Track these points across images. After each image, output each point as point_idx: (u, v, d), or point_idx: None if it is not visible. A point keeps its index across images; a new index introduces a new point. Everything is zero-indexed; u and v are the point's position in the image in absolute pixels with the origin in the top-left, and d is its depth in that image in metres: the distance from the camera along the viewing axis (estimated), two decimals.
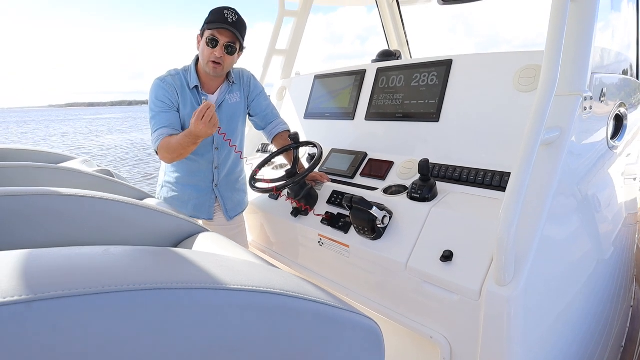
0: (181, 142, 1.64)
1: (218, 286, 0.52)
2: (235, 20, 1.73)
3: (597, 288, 1.56)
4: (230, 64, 1.82)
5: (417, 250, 1.34)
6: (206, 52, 1.75)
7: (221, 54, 1.75)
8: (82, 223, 0.93)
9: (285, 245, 1.99)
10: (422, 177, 1.47)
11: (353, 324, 0.69)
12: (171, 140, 1.68)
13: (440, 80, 1.71)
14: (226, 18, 1.71)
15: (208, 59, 1.76)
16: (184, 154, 1.72)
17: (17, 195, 0.87)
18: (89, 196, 0.96)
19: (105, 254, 0.55)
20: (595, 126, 1.39)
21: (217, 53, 1.74)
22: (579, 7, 1.15)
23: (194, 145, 1.66)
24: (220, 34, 1.73)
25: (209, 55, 1.75)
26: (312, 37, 40.81)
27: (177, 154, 1.71)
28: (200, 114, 1.53)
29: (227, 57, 1.77)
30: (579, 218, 1.36)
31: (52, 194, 0.91)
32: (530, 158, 1.00)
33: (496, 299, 1.07)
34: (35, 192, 0.89)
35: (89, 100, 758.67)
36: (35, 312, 0.38)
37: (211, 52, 1.74)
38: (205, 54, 1.76)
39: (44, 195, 0.89)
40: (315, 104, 2.39)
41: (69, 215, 0.92)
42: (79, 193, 0.95)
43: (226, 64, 1.79)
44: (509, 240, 0.99)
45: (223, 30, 1.72)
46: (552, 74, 1.03)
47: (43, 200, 0.89)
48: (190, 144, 1.64)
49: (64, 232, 0.91)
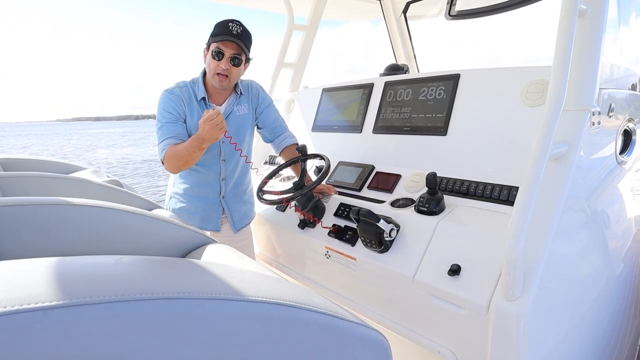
0: (187, 147, 1.65)
1: (228, 296, 0.52)
2: (240, 32, 1.75)
3: (607, 305, 1.54)
4: (236, 76, 1.84)
5: (424, 263, 1.33)
6: (212, 64, 1.77)
7: (227, 65, 1.76)
8: (92, 232, 0.94)
9: (292, 257, 1.99)
10: (429, 191, 1.47)
11: (361, 336, 0.69)
12: (178, 147, 1.69)
13: (448, 94, 1.72)
14: (231, 30, 1.73)
15: (214, 71, 1.77)
16: (189, 161, 1.72)
17: (30, 204, 0.88)
18: (100, 206, 0.97)
19: (118, 263, 0.56)
20: (604, 141, 1.38)
21: (223, 65, 1.76)
22: (587, 22, 1.16)
23: (200, 150, 1.66)
24: (225, 46, 1.74)
25: (215, 68, 1.77)
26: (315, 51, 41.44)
27: (183, 161, 1.71)
28: (210, 116, 1.56)
29: (234, 68, 1.78)
30: (588, 233, 1.35)
31: (64, 203, 0.92)
32: (539, 172, 0.99)
33: (505, 314, 1.06)
34: (47, 202, 0.90)
35: (95, 115, 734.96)
36: (52, 319, 0.39)
37: (217, 65, 1.76)
38: (212, 66, 1.78)
39: (55, 205, 0.91)
40: (323, 116, 2.41)
41: (80, 224, 0.93)
42: (89, 203, 0.96)
43: (233, 76, 1.80)
44: (517, 255, 0.99)
45: (228, 42, 1.73)
46: (560, 89, 1.03)
47: (55, 210, 0.91)
48: (196, 149, 1.65)
49: (75, 241, 0.92)
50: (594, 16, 1.15)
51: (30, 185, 1.44)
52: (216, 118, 1.56)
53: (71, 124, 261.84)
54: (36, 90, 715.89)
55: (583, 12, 1.13)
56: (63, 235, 0.91)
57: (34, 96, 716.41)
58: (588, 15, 1.15)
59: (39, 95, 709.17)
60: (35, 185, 1.45)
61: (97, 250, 0.94)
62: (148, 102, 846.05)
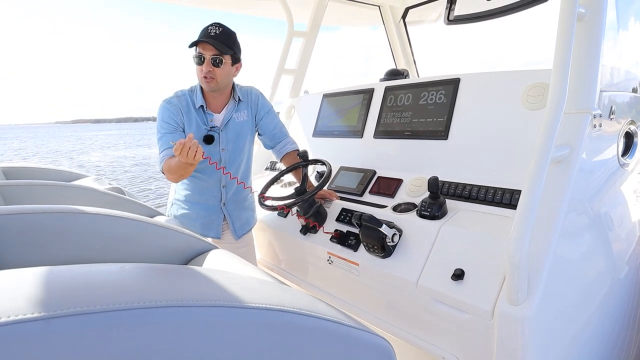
0: (178, 164, 1.63)
1: (232, 304, 0.52)
2: (218, 32, 1.74)
3: (612, 308, 1.53)
4: (224, 77, 1.81)
5: (427, 268, 1.33)
6: (197, 69, 1.78)
7: (209, 67, 1.75)
8: (95, 240, 0.94)
9: (294, 263, 1.98)
10: (431, 195, 1.46)
11: (366, 343, 0.68)
12: (171, 162, 1.69)
13: (449, 98, 1.72)
14: (209, 32, 1.73)
15: (200, 75, 1.78)
16: (184, 175, 1.73)
17: (32, 212, 0.88)
18: (102, 214, 0.97)
19: (121, 271, 0.56)
20: (606, 144, 1.38)
21: (204, 68, 1.75)
22: (586, 25, 1.16)
23: (190, 166, 1.64)
24: (203, 49, 1.74)
25: (200, 72, 1.77)
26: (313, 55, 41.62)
27: (178, 174, 1.72)
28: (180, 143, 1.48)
29: (217, 70, 1.77)
30: (591, 236, 1.34)
31: (67, 211, 0.92)
32: (541, 175, 0.99)
33: (509, 318, 1.05)
34: (50, 210, 0.90)
35: (95, 117, 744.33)
36: (55, 329, 0.39)
37: (200, 69, 1.76)
38: (197, 71, 1.79)
39: (59, 213, 0.91)
40: (323, 122, 2.41)
41: (83, 232, 0.93)
42: (92, 211, 0.96)
43: (219, 77, 1.79)
44: (521, 259, 0.98)
45: (205, 45, 1.73)
46: (561, 92, 1.04)
47: (57, 218, 0.91)
48: (185, 166, 1.62)
49: (78, 249, 0.92)
50: (592, 19, 1.16)
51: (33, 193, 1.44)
52: (187, 143, 1.48)
53: (71, 126, 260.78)
54: (36, 91, 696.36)
55: (582, 16, 1.14)
56: (66, 243, 0.91)
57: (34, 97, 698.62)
58: (587, 18, 1.15)
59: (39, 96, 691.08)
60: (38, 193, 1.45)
61: (101, 258, 0.94)
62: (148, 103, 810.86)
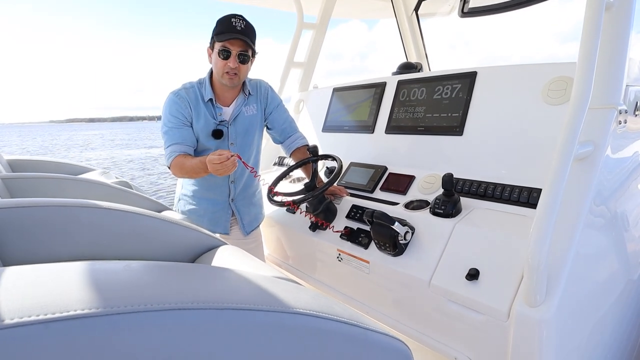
0: (195, 168, 1.61)
1: (246, 306, 0.49)
2: (244, 27, 1.69)
3: (627, 309, 1.50)
4: (245, 73, 1.79)
5: (440, 267, 1.30)
6: (219, 64, 1.71)
7: (235, 64, 1.70)
8: (103, 234, 0.93)
9: (303, 259, 1.96)
10: (445, 192, 1.43)
11: (383, 345, 0.65)
12: (185, 162, 1.66)
13: (464, 92, 1.67)
14: (235, 27, 1.67)
15: (222, 70, 1.72)
16: (194, 176, 1.72)
17: (40, 205, 0.86)
18: (112, 208, 0.95)
19: (127, 270, 0.53)
20: (630, 141, 1.34)
21: (231, 64, 1.70)
22: (614, 16, 1.11)
23: (205, 173, 1.62)
24: (231, 44, 1.68)
25: (222, 67, 1.71)
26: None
27: (188, 175, 1.71)
28: (220, 159, 1.48)
29: (242, 66, 1.73)
30: (608, 236, 1.30)
31: (74, 204, 0.90)
32: (563, 174, 0.95)
33: (527, 320, 1.02)
34: (58, 203, 0.88)
35: (89, 116, 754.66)
36: (53, 333, 0.36)
37: (225, 64, 1.70)
38: (219, 65, 1.72)
39: (66, 206, 0.89)
40: (333, 117, 2.37)
41: (90, 225, 0.91)
42: (100, 204, 0.94)
43: (242, 73, 1.75)
44: (541, 260, 0.95)
45: (234, 40, 1.67)
46: (586, 86, 0.99)
47: (65, 211, 0.89)
48: (202, 172, 1.61)
49: (85, 243, 0.90)
50: (621, 9, 1.10)
51: (39, 186, 1.43)
52: (227, 162, 1.48)
53: (64, 125, 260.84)
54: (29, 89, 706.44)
55: (610, 5, 1.09)
56: (73, 236, 0.90)
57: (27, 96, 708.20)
58: (615, 8, 1.10)
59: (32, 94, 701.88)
60: (44, 186, 1.44)
61: (107, 252, 0.92)
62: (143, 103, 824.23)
